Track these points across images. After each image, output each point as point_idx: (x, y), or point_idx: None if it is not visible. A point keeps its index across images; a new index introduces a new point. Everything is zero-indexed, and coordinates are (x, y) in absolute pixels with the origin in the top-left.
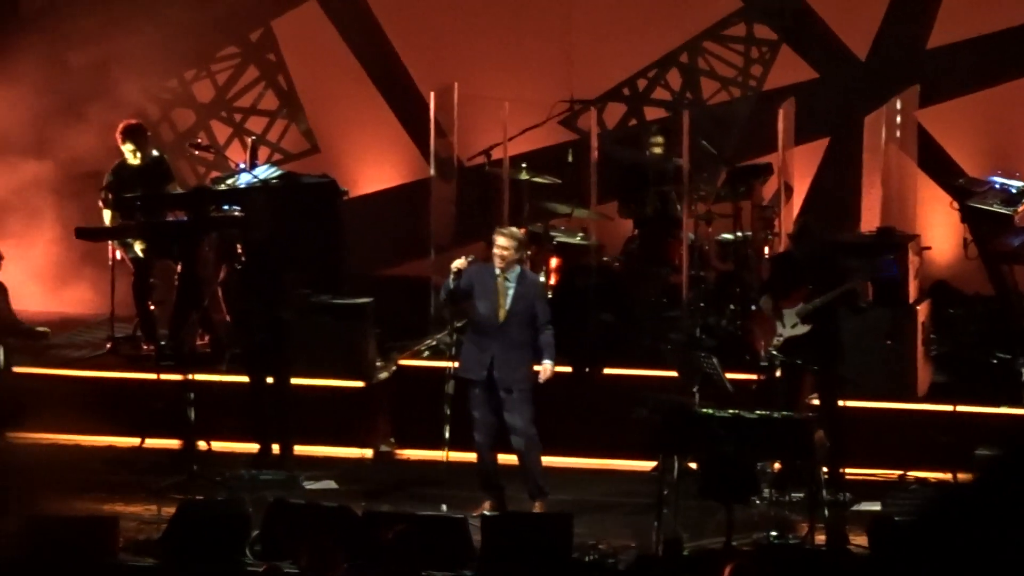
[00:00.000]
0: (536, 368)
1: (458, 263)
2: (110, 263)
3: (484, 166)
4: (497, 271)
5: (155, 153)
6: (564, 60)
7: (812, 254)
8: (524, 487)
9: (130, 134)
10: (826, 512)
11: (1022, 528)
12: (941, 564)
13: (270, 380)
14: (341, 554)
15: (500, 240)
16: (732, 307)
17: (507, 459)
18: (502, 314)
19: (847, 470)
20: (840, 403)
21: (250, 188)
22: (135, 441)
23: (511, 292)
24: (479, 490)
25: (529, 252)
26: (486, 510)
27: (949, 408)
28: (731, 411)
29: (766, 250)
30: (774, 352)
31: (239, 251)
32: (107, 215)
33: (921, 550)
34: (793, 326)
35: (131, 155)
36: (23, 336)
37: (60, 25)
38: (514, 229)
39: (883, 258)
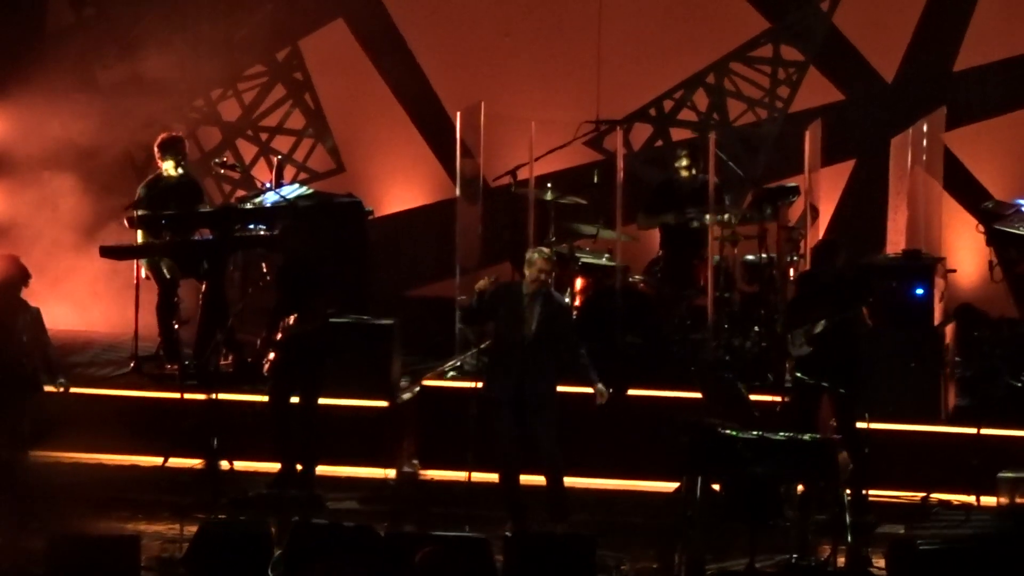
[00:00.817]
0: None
1: (482, 284)
2: (135, 282)
3: (510, 186)
4: (526, 290)
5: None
6: (591, 80)
7: (835, 275)
8: (547, 508)
9: (170, 147)
10: (849, 535)
11: None
12: None
13: (296, 400)
14: None
15: (539, 263)
16: (757, 329)
17: (530, 480)
18: (529, 335)
19: (871, 492)
20: (859, 424)
21: (276, 207)
22: (158, 460)
23: (538, 313)
24: (502, 510)
25: (554, 273)
26: (508, 531)
27: (974, 431)
28: (755, 432)
29: (791, 272)
30: (798, 374)
31: (264, 271)
32: (140, 232)
33: None
34: (800, 346)
35: (171, 168)
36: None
37: (87, 43)
38: (547, 250)
39: (877, 285)
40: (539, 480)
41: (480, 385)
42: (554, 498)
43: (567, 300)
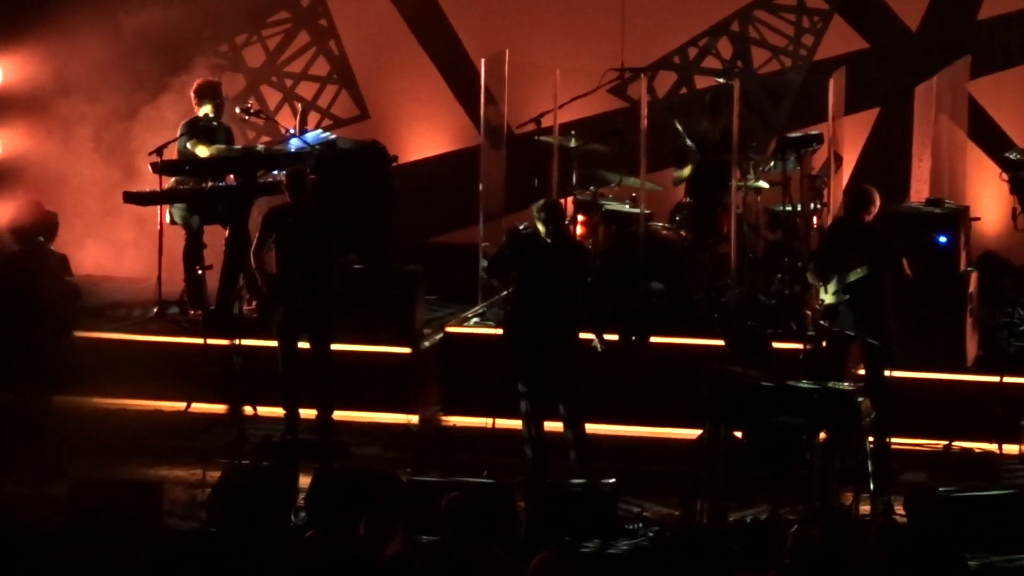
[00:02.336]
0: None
1: (513, 231)
2: (158, 227)
3: (534, 134)
4: (544, 237)
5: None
6: (615, 28)
7: (867, 224)
8: (569, 455)
9: (208, 92)
10: (871, 483)
11: None
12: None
13: (306, 346)
14: (398, 525)
15: (542, 213)
16: (780, 277)
17: (553, 427)
18: (549, 281)
19: (893, 440)
20: (887, 374)
21: (299, 153)
22: (181, 406)
23: (556, 259)
24: (525, 458)
25: (581, 218)
26: (526, 477)
27: (996, 379)
28: (778, 381)
29: (815, 220)
30: (822, 322)
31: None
32: (203, 151)
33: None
34: (833, 294)
35: (209, 112)
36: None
37: None
38: (551, 199)
39: (902, 236)
40: (561, 428)
41: (501, 332)
42: (577, 447)
43: (588, 246)
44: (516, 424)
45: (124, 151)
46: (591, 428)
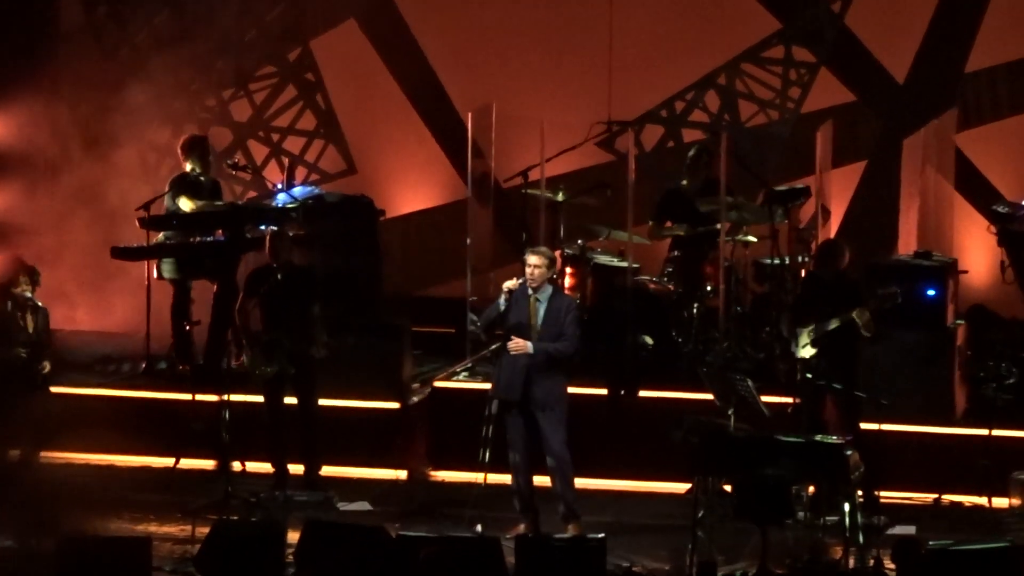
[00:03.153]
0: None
1: (510, 284)
2: (146, 282)
3: (521, 187)
4: (530, 291)
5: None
6: (602, 81)
7: (837, 276)
8: (558, 509)
9: (195, 147)
10: (860, 536)
11: None
12: None
13: (294, 401)
14: None
15: (531, 259)
16: (768, 330)
17: (542, 480)
18: (534, 334)
19: (883, 493)
20: (867, 426)
21: (287, 208)
22: (170, 461)
23: (542, 312)
24: (514, 512)
25: (569, 270)
26: (520, 532)
27: (985, 432)
28: (767, 433)
29: (803, 273)
30: (804, 374)
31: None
32: (187, 206)
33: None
34: (804, 347)
35: (198, 166)
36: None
37: (99, 43)
38: (544, 248)
39: (889, 290)
40: (549, 481)
41: (490, 386)
42: (564, 499)
43: (577, 300)
44: (505, 478)
45: (111, 206)
46: (580, 482)
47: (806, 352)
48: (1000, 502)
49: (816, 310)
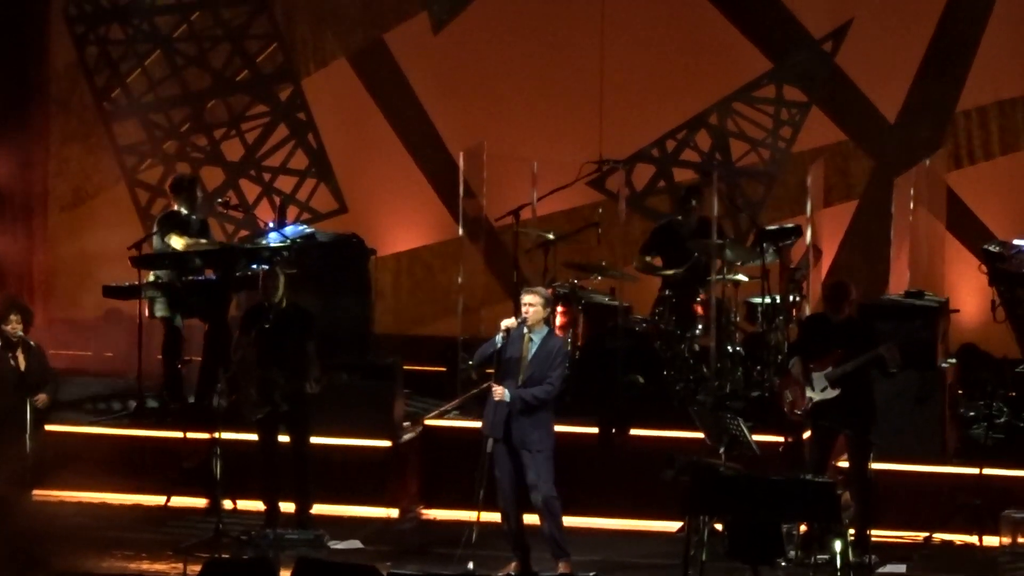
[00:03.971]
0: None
1: (508, 323)
2: (138, 321)
3: (513, 226)
4: (524, 330)
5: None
6: (593, 120)
7: (846, 317)
8: (548, 547)
9: (184, 186)
10: (851, 575)
11: None
12: None
13: (286, 439)
14: None
15: (527, 298)
16: (759, 369)
17: (533, 519)
18: (523, 374)
19: (873, 532)
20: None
21: (278, 248)
22: (161, 499)
23: (533, 351)
24: (506, 551)
25: (560, 309)
26: (512, 571)
27: (976, 471)
28: (758, 473)
29: (794, 313)
30: (803, 417)
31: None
32: (178, 243)
33: None
34: (823, 390)
35: (184, 207)
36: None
37: (90, 81)
38: (540, 288)
39: (915, 324)
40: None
41: (481, 424)
42: (552, 538)
43: (567, 340)
44: (497, 516)
45: (99, 245)
46: (571, 520)
47: (826, 395)
48: (991, 541)
49: (828, 352)
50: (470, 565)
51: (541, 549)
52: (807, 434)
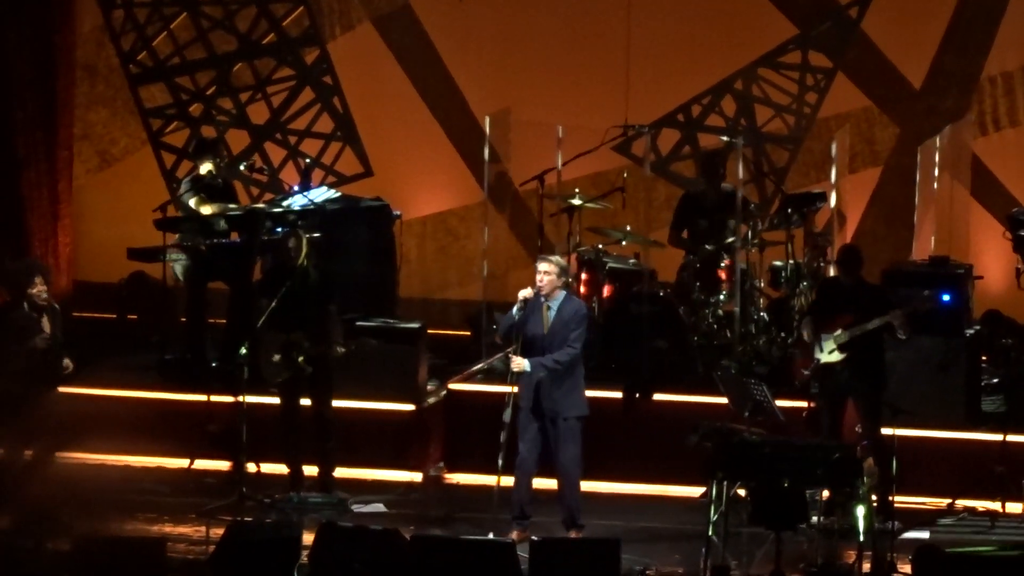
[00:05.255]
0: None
1: (525, 293)
2: (162, 283)
3: (538, 190)
4: (541, 298)
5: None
6: (619, 85)
7: (858, 282)
8: (560, 514)
9: (209, 148)
10: (874, 541)
11: None
12: None
13: (307, 402)
14: None
15: (541, 266)
16: (783, 335)
17: (544, 484)
18: (544, 340)
19: (896, 498)
20: (883, 431)
21: (303, 211)
22: (185, 462)
23: (552, 318)
24: (510, 519)
25: (584, 275)
26: (515, 538)
27: (1000, 437)
28: (781, 438)
29: (820, 277)
30: (809, 377)
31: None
32: (204, 208)
33: None
34: (831, 352)
35: (212, 167)
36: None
37: (117, 43)
38: (555, 256)
39: (925, 293)
40: (555, 486)
41: (514, 390)
42: (568, 507)
43: (583, 307)
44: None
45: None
46: (594, 485)
47: (833, 357)
48: (1014, 508)
49: (839, 315)
50: (491, 535)
51: (550, 514)
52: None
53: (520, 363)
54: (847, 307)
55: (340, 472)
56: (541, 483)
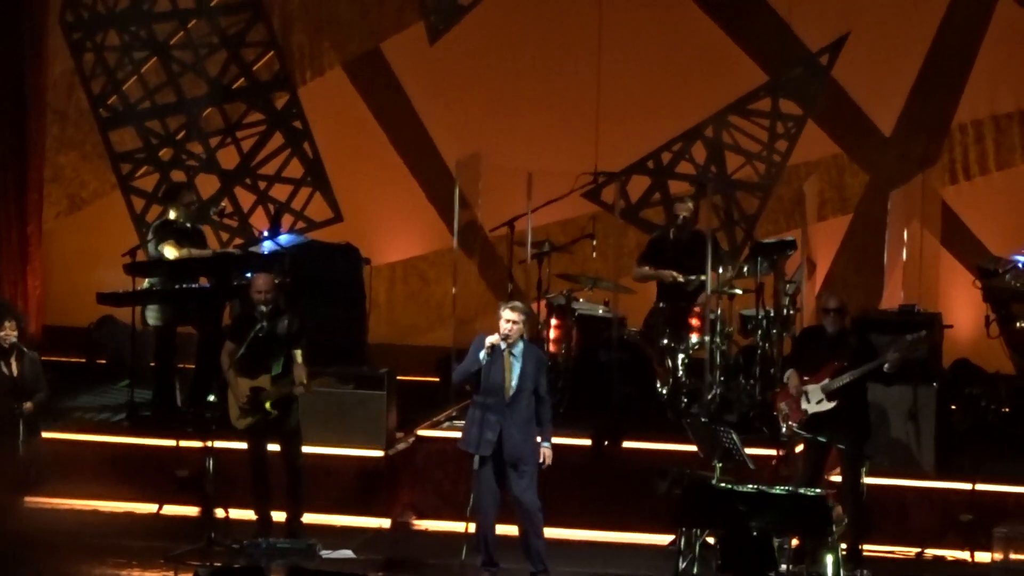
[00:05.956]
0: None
1: (492, 339)
2: (132, 327)
3: (507, 237)
4: (503, 345)
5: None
6: (589, 132)
7: (841, 329)
8: (527, 560)
9: (177, 193)
10: None
11: None
12: None
13: (276, 448)
14: None
15: (510, 314)
16: (752, 382)
17: (506, 530)
18: (509, 390)
19: (865, 547)
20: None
21: (272, 255)
22: (153, 507)
23: (517, 367)
24: (479, 565)
25: (554, 321)
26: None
27: (968, 486)
28: (751, 486)
29: (793, 325)
30: (798, 430)
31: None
32: (171, 252)
33: None
34: (819, 402)
35: (179, 214)
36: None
37: (85, 88)
38: (519, 303)
39: (917, 335)
40: (517, 532)
41: (460, 436)
42: (534, 550)
43: (560, 351)
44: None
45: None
46: (561, 532)
47: (821, 407)
48: (983, 557)
49: (824, 364)
50: None
51: (516, 560)
52: (799, 448)
53: (549, 455)
54: (832, 355)
55: (309, 518)
56: (503, 529)
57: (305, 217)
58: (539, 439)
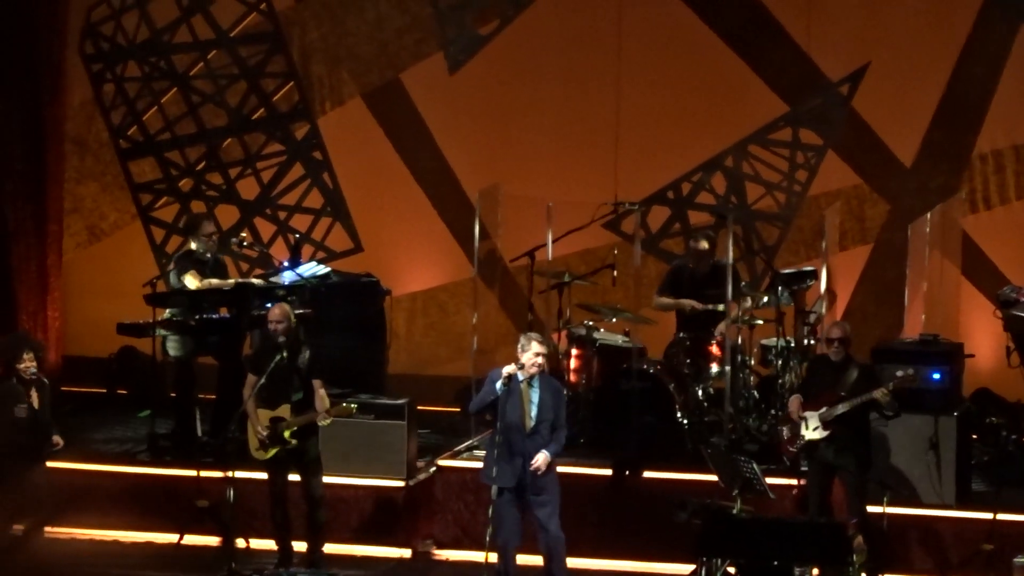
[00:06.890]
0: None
1: (509, 369)
2: (152, 358)
3: (527, 267)
4: (520, 376)
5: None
6: (609, 162)
7: (847, 359)
8: None
9: (198, 224)
10: None
11: None
12: None
13: (297, 478)
14: None
15: (538, 347)
16: (773, 412)
17: (527, 559)
18: (529, 422)
19: None
20: (876, 508)
21: (293, 286)
22: (174, 538)
23: (536, 399)
24: None
25: (575, 351)
26: None
27: (989, 516)
28: (771, 516)
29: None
30: (795, 455)
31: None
32: (192, 283)
33: None
34: (815, 429)
35: (199, 245)
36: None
37: (106, 119)
38: (538, 335)
39: (910, 371)
40: (540, 561)
41: (481, 467)
42: None
43: (581, 381)
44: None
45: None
46: (583, 562)
47: (816, 434)
48: None
49: (824, 392)
50: None
51: None
52: (806, 476)
53: (544, 460)
54: (834, 384)
55: (329, 548)
56: (524, 559)
57: (325, 247)
58: (542, 452)
